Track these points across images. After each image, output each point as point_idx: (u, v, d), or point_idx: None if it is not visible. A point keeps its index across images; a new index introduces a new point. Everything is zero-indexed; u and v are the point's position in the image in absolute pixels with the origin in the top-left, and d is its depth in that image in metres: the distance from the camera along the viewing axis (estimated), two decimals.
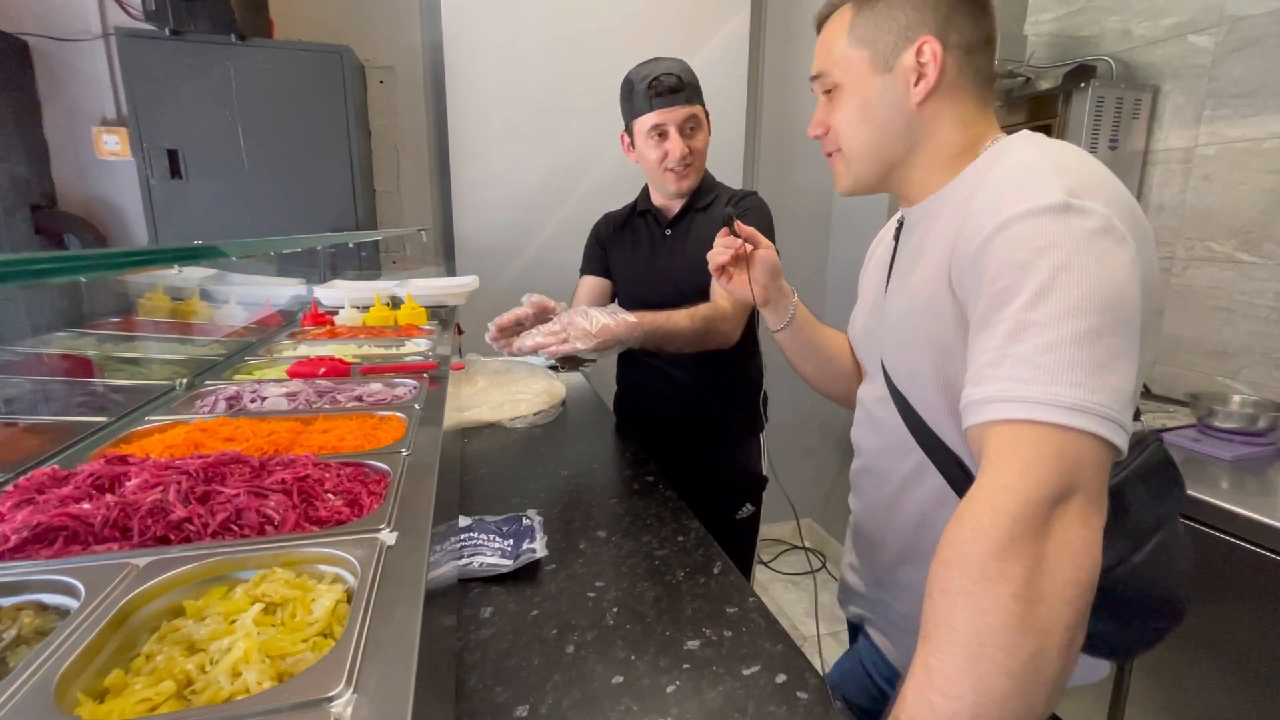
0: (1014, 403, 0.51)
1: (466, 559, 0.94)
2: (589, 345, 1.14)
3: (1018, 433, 0.51)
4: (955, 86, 0.69)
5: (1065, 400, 0.50)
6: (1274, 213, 1.63)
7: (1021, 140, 0.66)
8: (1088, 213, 0.54)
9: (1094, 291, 0.52)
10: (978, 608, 0.47)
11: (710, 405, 1.48)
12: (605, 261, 1.55)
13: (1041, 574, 0.47)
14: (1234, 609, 1.25)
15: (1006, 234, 0.56)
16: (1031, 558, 0.47)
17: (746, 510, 1.55)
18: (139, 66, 1.87)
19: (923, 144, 0.72)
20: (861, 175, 0.77)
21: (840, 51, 0.73)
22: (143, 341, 1.39)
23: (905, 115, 0.71)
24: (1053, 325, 0.51)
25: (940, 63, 0.67)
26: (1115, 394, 0.51)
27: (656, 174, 1.39)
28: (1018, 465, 0.50)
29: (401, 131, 2.42)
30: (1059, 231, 0.54)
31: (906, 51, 0.68)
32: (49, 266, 0.46)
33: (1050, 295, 0.52)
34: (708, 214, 1.44)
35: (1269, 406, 1.55)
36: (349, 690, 0.40)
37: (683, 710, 0.68)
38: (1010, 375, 0.52)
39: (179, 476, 0.65)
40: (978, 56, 0.69)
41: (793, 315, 0.98)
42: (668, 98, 1.31)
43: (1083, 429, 0.49)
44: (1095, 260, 0.53)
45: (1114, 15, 1.96)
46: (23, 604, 0.50)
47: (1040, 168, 0.58)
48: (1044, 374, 0.51)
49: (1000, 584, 0.47)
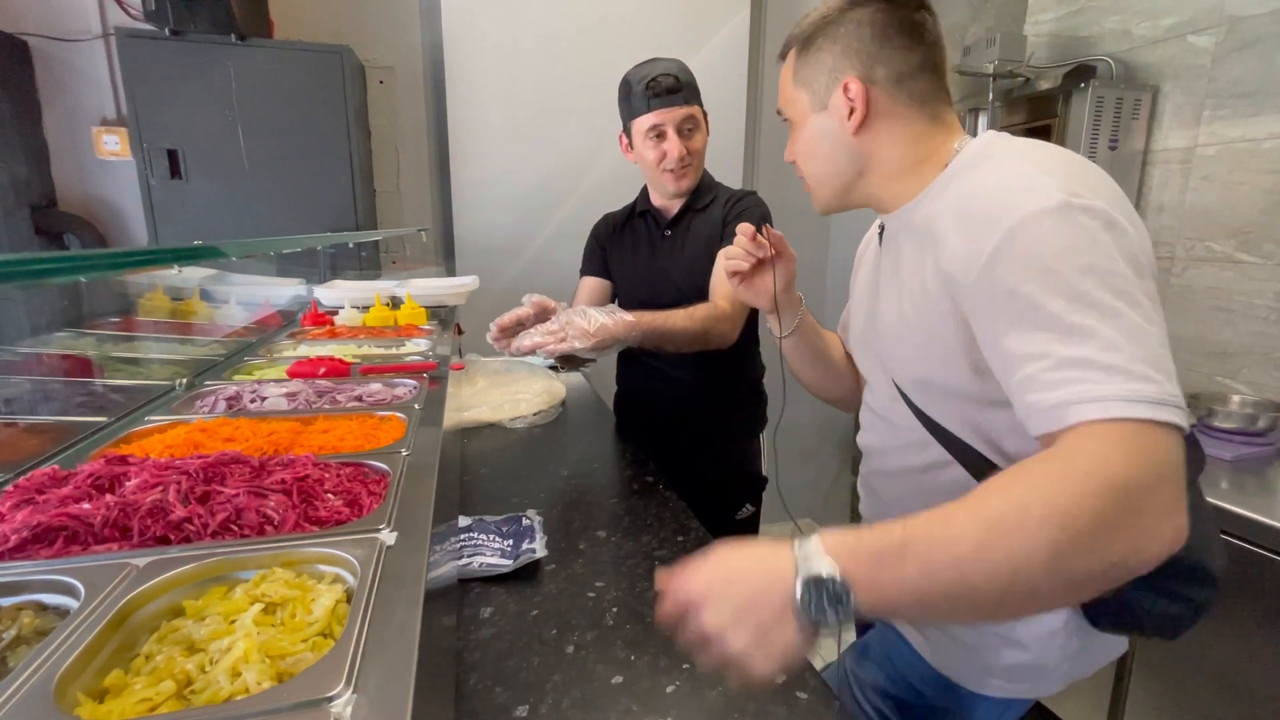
0: (1099, 402, 0.51)
1: (466, 559, 0.94)
2: (587, 344, 1.14)
3: (1110, 428, 0.50)
4: (889, 114, 0.73)
5: (1147, 395, 0.50)
6: (1274, 213, 1.63)
7: (994, 143, 0.69)
8: (1090, 209, 0.56)
9: (1120, 289, 0.53)
10: (1025, 510, 0.48)
11: (710, 405, 1.48)
12: (605, 262, 1.55)
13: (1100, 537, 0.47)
14: (1234, 609, 1.25)
15: (1017, 241, 0.56)
16: (1102, 521, 0.47)
17: (746, 511, 1.55)
18: (139, 66, 1.87)
19: (871, 166, 0.76)
20: (823, 199, 0.82)
21: (788, 92, 0.80)
22: (143, 341, 1.39)
23: (845, 145, 0.76)
24: (1102, 326, 0.52)
25: (866, 97, 0.72)
26: (1174, 381, 0.52)
27: (655, 174, 1.39)
28: (1120, 448, 0.49)
29: (401, 131, 2.42)
30: (1070, 233, 0.55)
31: (835, 91, 0.74)
32: (49, 266, 0.46)
33: (1086, 297, 0.53)
34: (706, 214, 1.44)
35: (1269, 406, 1.55)
36: (349, 690, 0.40)
37: (683, 710, 0.68)
38: (1082, 378, 0.52)
39: (179, 476, 0.65)
40: (913, 82, 0.73)
41: (799, 322, 0.98)
42: (665, 98, 1.31)
43: (1167, 421, 0.50)
44: (1110, 258, 0.54)
45: (1114, 15, 1.96)
46: (23, 604, 0.50)
47: (1031, 169, 0.60)
48: (1118, 373, 0.51)
49: (1056, 518, 0.47)
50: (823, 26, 0.75)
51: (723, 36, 2.58)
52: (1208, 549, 0.65)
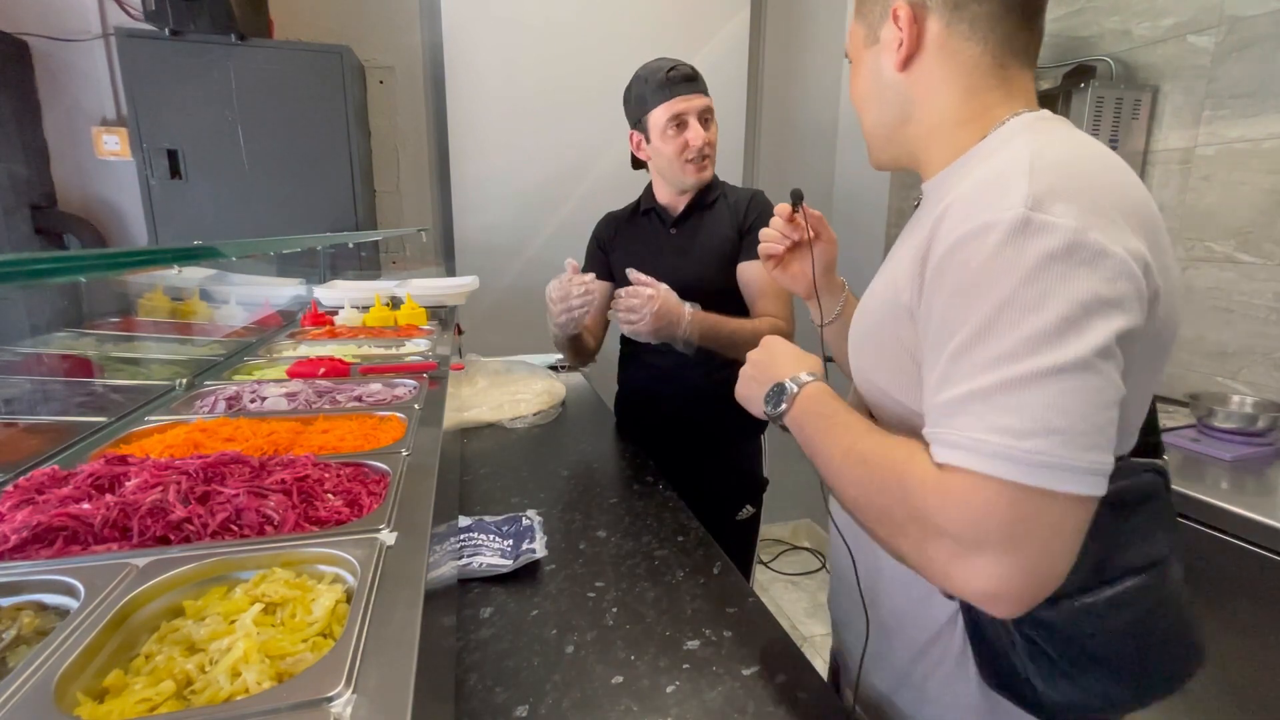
0: (949, 448, 0.50)
1: (466, 559, 0.94)
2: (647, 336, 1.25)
3: (949, 477, 0.50)
4: (943, 49, 0.63)
5: (988, 449, 0.47)
6: (1274, 213, 1.63)
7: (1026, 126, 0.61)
8: (1048, 230, 0.48)
9: (1040, 331, 0.47)
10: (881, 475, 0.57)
11: (712, 406, 1.48)
12: (607, 265, 1.55)
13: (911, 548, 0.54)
14: (1234, 609, 1.25)
15: (959, 254, 0.52)
16: (912, 539, 0.54)
17: (746, 512, 1.54)
18: (139, 66, 1.87)
19: (914, 115, 0.67)
20: (873, 149, 0.75)
21: (850, 28, 0.73)
22: (143, 341, 1.39)
23: (893, 85, 0.67)
24: (985, 370, 0.49)
25: (916, 25, 0.63)
26: (1062, 437, 0.46)
27: (675, 166, 1.37)
28: (950, 505, 0.50)
29: (401, 131, 2.42)
30: (1008, 258, 0.49)
31: (886, 21, 0.66)
32: (49, 266, 0.46)
33: (989, 334, 0.49)
34: (713, 211, 1.44)
35: (1269, 407, 1.55)
36: (349, 690, 0.40)
37: (683, 710, 0.68)
38: (945, 418, 0.51)
39: (179, 476, 0.65)
40: (975, 7, 0.61)
41: (842, 308, 0.93)
42: (686, 85, 1.32)
43: (999, 476, 0.47)
44: (1042, 294, 0.47)
45: (1113, 15, 1.96)
46: (23, 604, 0.50)
47: (1017, 168, 0.52)
48: (974, 420, 0.49)
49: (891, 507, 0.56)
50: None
51: (723, 36, 2.58)
52: (1144, 644, 0.59)
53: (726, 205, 1.44)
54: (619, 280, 1.53)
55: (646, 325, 1.23)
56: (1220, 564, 1.25)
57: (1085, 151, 0.56)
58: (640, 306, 1.22)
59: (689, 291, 1.39)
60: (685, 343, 1.27)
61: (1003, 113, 0.63)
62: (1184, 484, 1.32)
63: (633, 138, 1.43)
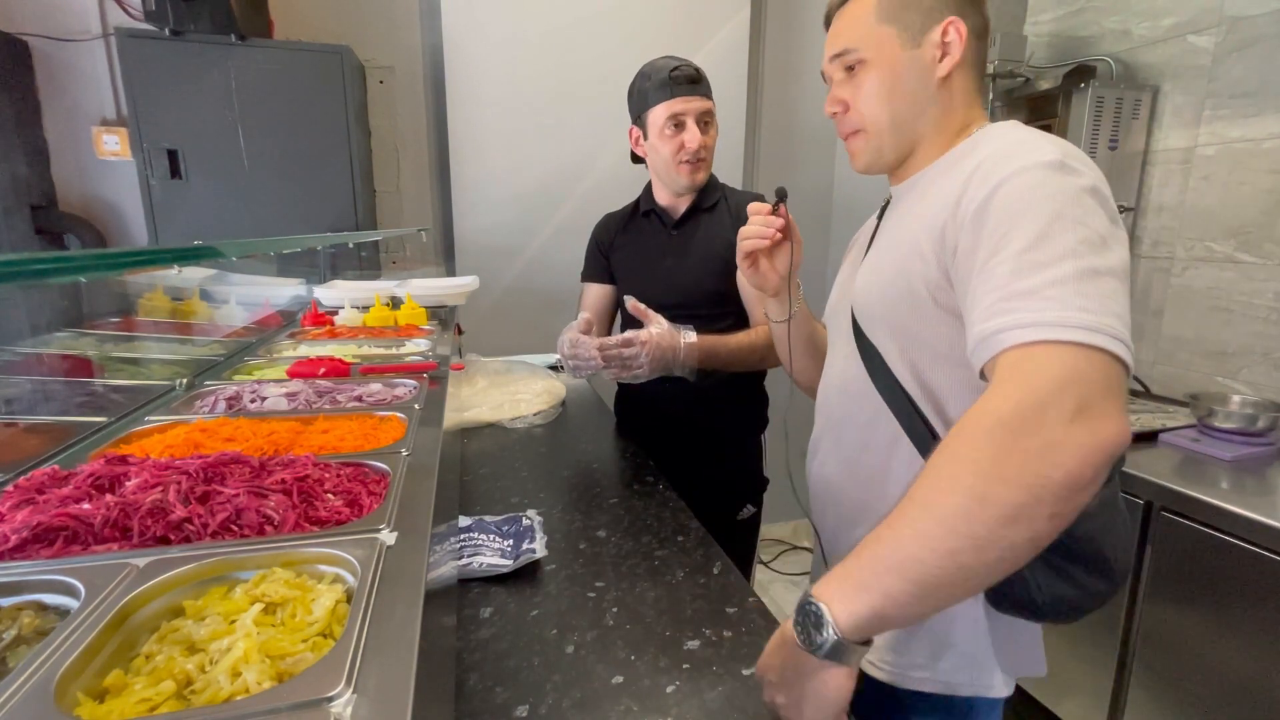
0: (1028, 328, 0.54)
1: (466, 559, 0.94)
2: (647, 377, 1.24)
3: (1028, 352, 0.54)
4: (970, 66, 0.76)
5: (1075, 322, 0.53)
6: (1274, 213, 1.63)
7: (1010, 125, 0.72)
8: (1079, 173, 0.61)
9: (1088, 238, 0.57)
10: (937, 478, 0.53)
11: (712, 405, 1.48)
12: (607, 267, 1.55)
13: (1008, 461, 0.50)
14: (1234, 609, 1.25)
15: (1006, 187, 0.61)
16: (1000, 447, 0.51)
17: (747, 511, 1.54)
18: (139, 66, 1.87)
19: (938, 119, 0.77)
20: (883, 149, 0.80)
21: (867, 27, 0.77)
22: (143, 341, 1.39)
23: (930, 89, 0.76)
24: (1055, 264, 0.55)
25: (965, 41, 0.73)
26: (1121, 320, 0.54)
27: (669, 167, 1.37)
28: (1022, 376, 0.53)
29: (401, 132, 2.42)
30: (1055, 184, 0.59)
31: (934, 29, 0.74)
32: (49, 266, 0.46)
33: (1049, 238, 0.57)
34: (714, 214, 1.44)
35: (1269, 406, 1.55)
36: (349, 690, 0.40)
37: (683, 710, 0.68)
38: (1021, 307, 0.55)
39: (179, 476, 0.65)
40: (982, 43, 0.76)
41: (797, 308, 1.00)
42: (688, 87, 1.31)
43: (1093, 345, 0.52)
44: (1086, 211, 0.58)
45: (1114, 15, 1.96)
46: (23, 604, 0.50)
47: (1035, 137, 0.66)
48: (1054, 303, 0.54)
49: (965, 464, 0.52)
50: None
51: (723, 36, 2.58)
52: (1110, 541, 0.68)
53: (728, 208, 1.43)
54: (620, 283, 1.53)
55: (645, 372, 1.22)
56: (1220, 564, 1.25)
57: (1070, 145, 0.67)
58: (637, 355, 1.21)
59: (688, 294, 1.39)
60: (685, 369, 1.27)
61: (977, 125, 0.77)
62: (1184, 484, 1.32)
63: (632, 132, 1.43)
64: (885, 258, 0.78)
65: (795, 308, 1.00)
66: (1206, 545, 1.27)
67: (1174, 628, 1.34)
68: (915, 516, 0.54)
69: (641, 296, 1.36)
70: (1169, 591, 1.34)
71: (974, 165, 0.67)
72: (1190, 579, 1.30)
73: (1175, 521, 1.31)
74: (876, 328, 0.78)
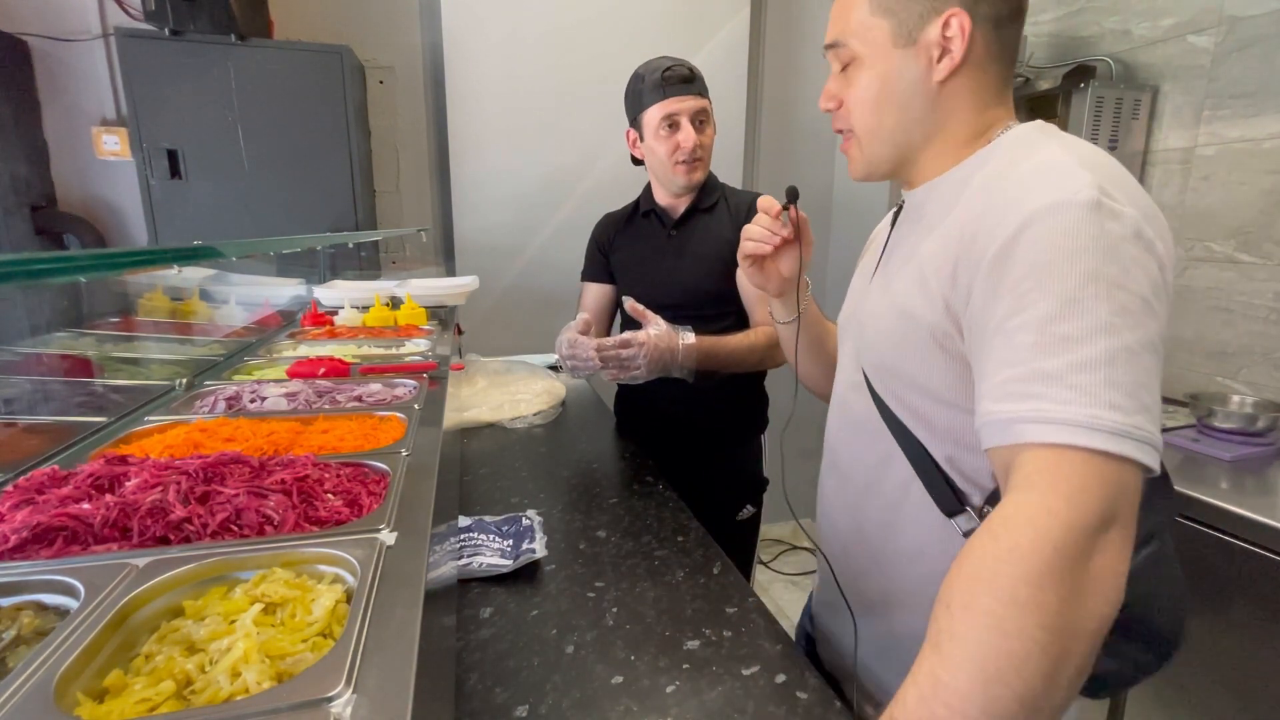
0: (1053, 425, 0.48)
1: (466, 559, 0.94)
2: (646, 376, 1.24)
3: (1060, 457, 0.48)
4: (979, 65, 0.64)
5: (1107, 425, 0.47)
6: (1274, 213, 1.63)
7: (1040, 131, 0.63)
8: (1119, 215, 0.51)
9: (1125, 306, 0.49)
10: (1003, 631, 0.45)
11: (713, 406, 1.48)
12: (607, 267, 1.55)
13: (1074, 606, 0.45)
14: (1234, 609, 1.25)
15: (1033, 231, 0.52)
16: (1069, 588, 0.45)
17: (747, 512, 1.54)
18: (139, 66, 1.87)
19: (940, 128, 0.67)
20: (875, 159, 0.72)
21: (859, 19, 0.67)
22: (142, 341, 1.39)
23: (925, 95, 0.65)
24: (1086, 341, 0.49)
25: (968, 38, 0.62)
26: (1150, 415, 0.49)
27: (665, 168, 1.37)
28: (1064, 489, 0.47)
29: (401, 131, 2.42)
30: (1090, 234, 0.50)
31: (932, 24, 0.63)
32: (49, 266, 0.46)
33: (1080, 306, 0.49)
34: (713, 214, 1.43)
35: (1269, 406, 1.55)
36: (349, 690, 0.40)
37: (683, 710, 0.68)
38: (1045, 395, 0.49)
39: (179, 476, 0.65)
40: (1006, 30, 0.63)
41: (804, 309, 0.94)
42: (680, 87, 1.31)
43: (1124, 455, 0.47)
44: (1124, 270, 0.50)
45: (1113, 15, 1.96)
46: (22, 604, 0.50)
47: (1067, 163, 0.55)
48: (1082, 395, 0.48)
49: (1031, 612, 0.45)
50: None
51: (723, 36, 2.58)
52: (1155, 606, 0.62)
53: (727, 208, 1.43)
54: (620, 283, 1.53)
55: (643, 373, 1.22)
56: (1220, 564, 1.25)
57: (1109, 159, 0.58)
58: (635, 356, 1.21)
59: (688, 294, 1.39)
60: (683, 371, 1.27)
61: (999, 126, 0.66)
62: (1184, 484, 1.32)
63: (629, 135, 1.43)
64: (894, 287, 0.70)
65: (801, 309, 0.94)
66: (1206, 545, 1.27)
67: None
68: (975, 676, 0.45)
69: (641, 297, 1.35)
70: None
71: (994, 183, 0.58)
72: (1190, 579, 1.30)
73: (1175, 522, 1.31)
74: (883, 374, 0.72)
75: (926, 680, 0.48)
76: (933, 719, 0.46)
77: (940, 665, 0.47)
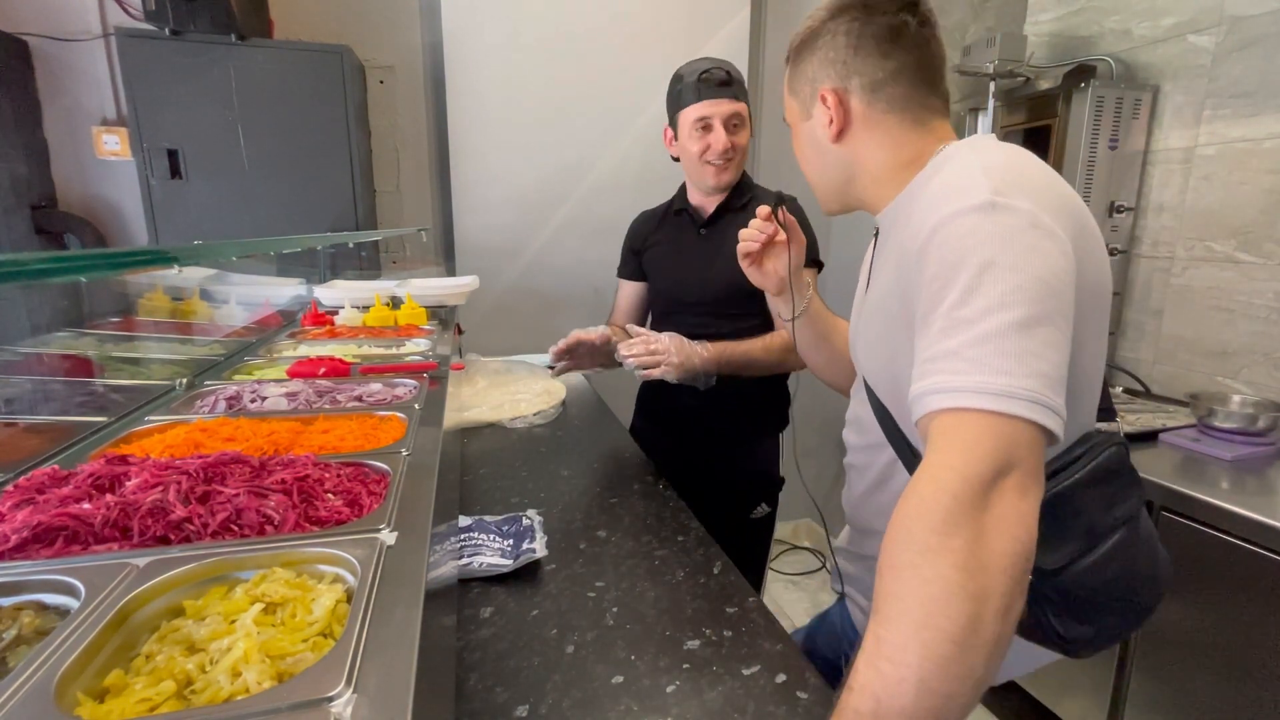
0: (949, 393, 0.54)
1: (466, 559, 0.94)
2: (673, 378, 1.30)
3: (956, 419, 0.54)
4: (868, 121, 0.76)
5: (994, 388, 0.53)
6: (1274, 213, 1.63)
7: (963, 146, 0.71)
8: (1012, 210, 0.58)
9: (1019, 286, 0.55)
10: (922, 578, 0.50)
11: (734, 404, 1.50)
12: (639, 266, 1.57)
13: (980, 545, 0.50)
14: (1234, 609, 1.25)
15: (938, 236, 0.60)
16: (971, 530, 0.50)
17: (762, 510, 1.56)
18: (139, 66, 1.87)
19: (856, 172, 0.79)
20: (823, 198, 0.86)
21: (786, 100, 0.85)
22: (143, 341, 1.39)
23: (830, 152, 0.79)
24: (980, 320, 0.55)
25: (842, 106, 0.76)
26: (1044, 379, 0.53)
27: (696, 167, 1.40)
28: (958, 446, 0.53)
29: (401, 131, 2.42)
30: (985, 230, 0.57)
31: (815, 101, 0.78)
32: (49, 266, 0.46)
33: (977, 292, 0.55)
34: (744, 214, 1.46)
35: (1269, 406, 1.55)
36: (349, 690, 0.40)
37: (683, 710, 0.68)
38: (945, 369, 0.55)
39: (179, 476, 0.65)
40: (892, 88, 0.74)
41: (808, 306, 1.02)
42: (716, 89, 1.34)
43: (1013, 414, 0.52)
44: (1020, 255, 0.56)
45: (1114, 15, 1.96)
46: (23, 604, 0.50)
47: (971, 171, 0.62)
48: (974, 365, 0.54)
49: (942, 555, 0.50)
50: (807, 39, 0.78)
51: (723, 36, 2.58)
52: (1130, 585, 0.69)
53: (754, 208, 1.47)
54: (651, 280, 1.54)
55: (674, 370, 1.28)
56: (1220, 564, 1.25)
57: (1019, 159, 0.66)
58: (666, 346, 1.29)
59: (716, 291, 1.43)
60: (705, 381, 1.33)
61: (933, 149, 0.75)
62: (1184, 484, 1.32)
63: (666, 133, 1.46)
64: (872, 299, 0.80)
65: (802, 307, 1.01)
66: (1207, 545, 1.27)
67: (1174, 628, 1.34)
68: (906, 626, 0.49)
69: (671, 294, 1.44)
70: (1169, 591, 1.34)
71: (917, 201, 0.66)
72: (1190, 579, 1.30)
73: (1175, 521, 1.31)
74: (877, 381, 0.80)
75: (870, 642, 0.51)
76: (879, 677, 0.49)
77: (879, 624, 0.51)
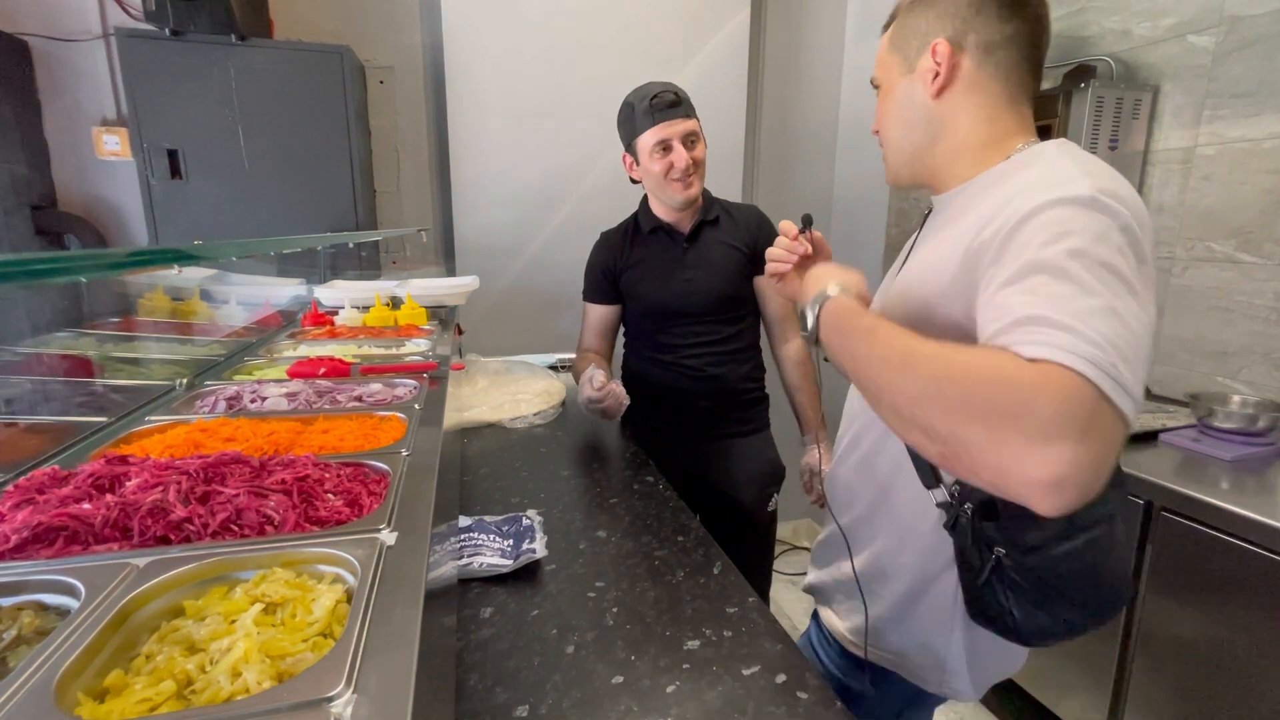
0: (1041, 345, 0.53)
1: (466, 559, 0.94)
2: None
3: (1041, 365, 0.53)
4: (973, 83, 0.75)
5: (1088, 355, 0.51)
6: (1274, 213, 1.63)
7: (1056, 147, 0.71)
8: (1111, 210, 0.58)
9: (1108, 280, 0.55)
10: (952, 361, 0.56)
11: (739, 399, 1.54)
12: (610, 289, 1.58)
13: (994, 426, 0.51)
14: (1234, 609, 1.25)
15: (1034, 220, 0.60)
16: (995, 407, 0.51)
17: (775, 502, 1.59)
18: (139, 66, 1.87)
19: (943, 136, 0.78)
20: (894, 165, 0.85)
21: (882, 57, 0.83)
22: (143, 341, 1.39)
23: (925, 110, 0.78)
24: (1072, 299, 0.54)
25: (952, 61, 0.74)
26: (1133, 364, 0.52)
27: (662, 185, 1.44)
28: (1038, 376, 0.51)
29: (401, 132, 2.42)
30: (1082, 221, 0.58)
31: (924, 54, 0.76)
32: (49, 266, 0.46)
33: (1067, 274, 0.55)
34: (719, 227, 1.52)
35: (1269, 406, 1.55)
36: (349, 690, 0.40)
37: (683, 710, 0.68)
38: (1035, 331, 0.54)
39: (179, 476, 0.65)
40: (1003, 53, 0.73)
41: None
42: (668, 112, 1.38)
43: (1096, 383, 0.51)
44: (1111, 252, 0.56)
45: (1114, 15, 1.96)
46: (23, 604, 0.50)
47: (1072, 171, 0.63)
48: (1070, 332, 0.52)
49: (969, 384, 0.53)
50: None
51: (723, 37, 2.57)
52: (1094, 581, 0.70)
53: (730, 220, 1.53)
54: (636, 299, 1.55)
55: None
56: (1220, 564, 1.25)
57: (1114, 173, 0.65)
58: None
59: (707, 300, 1.48)
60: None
61: (1018, 140, 0.75)
62: (1184, 484, 1.32)
63: (625, 159, 1.50)
64: (914, 283, 0.78)
65: None
66: (1206, 545, 1.27)
67: (1174, 627, 1.34)
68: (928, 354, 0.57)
69: (666, 308, 1.49)
70: (1169, 591, 1.34)
71: (1008, 194, 0.65)
72: (1190, 579, 1.30)
73: (1175, 521, 1.31)
74: None
75: (897, 330, 0.62)
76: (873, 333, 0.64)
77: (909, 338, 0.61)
